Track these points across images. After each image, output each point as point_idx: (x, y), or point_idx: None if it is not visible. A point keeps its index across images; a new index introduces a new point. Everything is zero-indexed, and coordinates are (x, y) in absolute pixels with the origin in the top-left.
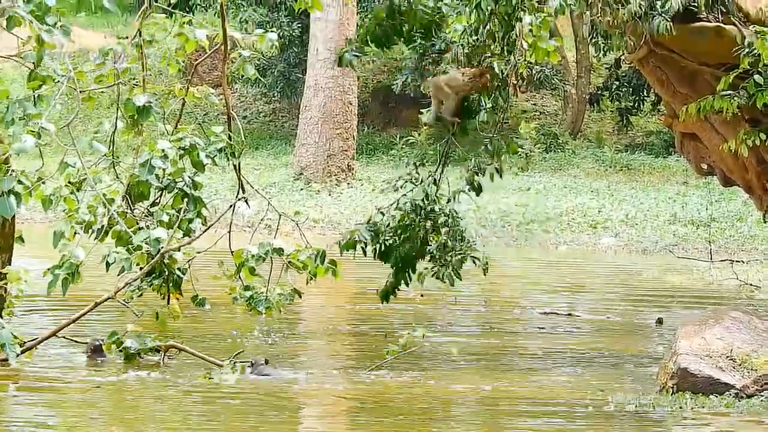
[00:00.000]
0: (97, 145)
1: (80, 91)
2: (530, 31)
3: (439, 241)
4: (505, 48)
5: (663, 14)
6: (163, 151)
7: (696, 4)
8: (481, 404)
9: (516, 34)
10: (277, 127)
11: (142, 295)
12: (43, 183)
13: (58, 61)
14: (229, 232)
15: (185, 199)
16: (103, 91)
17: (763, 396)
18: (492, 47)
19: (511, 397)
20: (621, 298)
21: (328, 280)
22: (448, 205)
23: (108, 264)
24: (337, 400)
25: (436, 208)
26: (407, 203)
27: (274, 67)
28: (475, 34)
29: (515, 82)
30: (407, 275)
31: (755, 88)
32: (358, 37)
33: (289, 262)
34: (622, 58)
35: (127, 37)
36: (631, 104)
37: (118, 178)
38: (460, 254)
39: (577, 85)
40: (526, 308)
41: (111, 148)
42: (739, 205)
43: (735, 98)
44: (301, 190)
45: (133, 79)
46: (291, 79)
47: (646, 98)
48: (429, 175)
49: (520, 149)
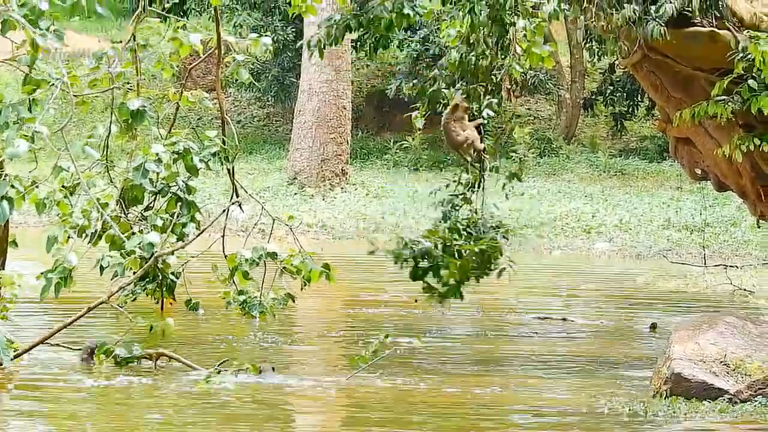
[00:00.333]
0: (90, 150)
1: (74, 96)
2: (524, 36)
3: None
4: (498, 53)
5: (657, 19)
6: (157, 155)
7: (690, 9)
8: (475, 409)
9: (510, 39)
10: (271, 132)
11: (135, 299)
12: (37, 187)
13: (53, 65)
14: (223, 237)
15: (179, 204)
16: (97, 96)
17: (756, 401)
18: (486, 52)
19: (504, 402)
20: (615, 303)
21: (323, 284)
22: (482, 213)
23: (102, 268)
24: (329, 404)
25: (478, 222)
26: (450, 225)
27: (269, 71)
28: (468, 39)
29: (509, 86)
30: (459, 291)
31: (749, 93)
32: (330, 23)
33: (283, 267)
34: (616, 63)
35: (121, 41)
36: (625, 109)
37: (112, 182)
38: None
39: (571, 90)
40: (520, 313)
41: (105, 152)
42: (733, 210)
43: (729, 103)
44: (295, 194)
45: (127, 83)
46: (285, 83)
47: (640, 103)
48: (463, 192)
49: (513, 154)
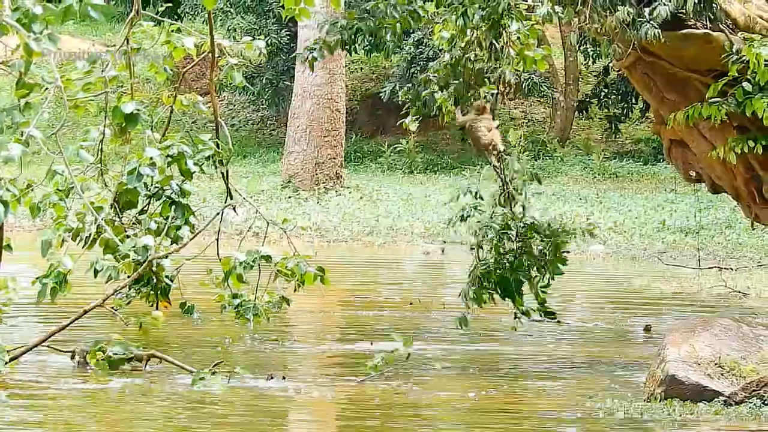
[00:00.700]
0: (84, 155)
1: (68, 99)
2: (518, 38)
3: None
4: (492, 55)
5: (651, 21)
6: (151, 158)
7: (684, 11)
8: (469, 411)
9: (503, 42)
10: (265, 135)
11: (130, 303)
12: (32, 191)
13: (47, 69)
14: (218, 240)
15: (173, 207)
16: (91, 99)
17: (751, 403)
18: (479, 55)
19: (499, 403)
20: (609, 306)
21: (317, 287)
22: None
23: (96, 271)
24: (324, 407)
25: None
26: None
27: (262, 74)
28: (461, 42)
29: (503, 89)
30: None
31: (744, 96)
32: (327, 36)
33: (278, 271)
34: (611, 65)
35: (115, 45)
36: (620, 112)
37: (106, 186)
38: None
39: (566, 93)
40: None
41: (99, 156)
42: (728, 213)
43: (723, 105)
44: (290, 197)
45: (121, 87)
46: (279, 86)
47: (634, 106)
48: (494, 198)
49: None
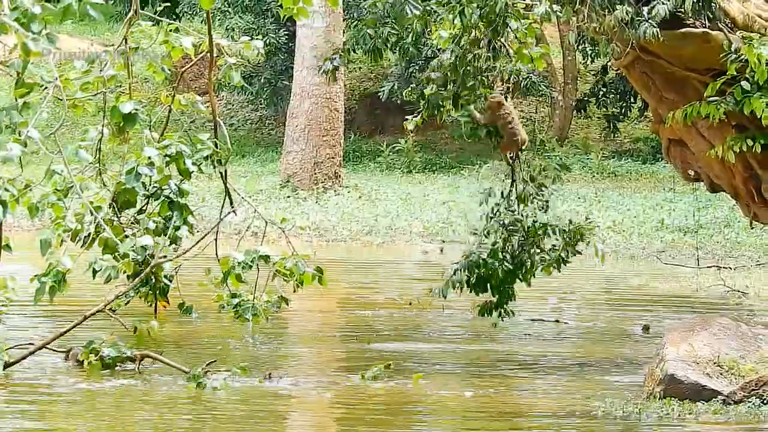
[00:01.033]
0: (83, 154)
1: (67, 99)
2: (516, 37)
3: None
4: (490, 54)
5: (650, 20)
6: (150, 158)
7: (683, 10)
8: (467, 411)
9: (502, 41)
10: (264, 135)
11: (128, 303)
12: (30, 190)
13: (45, 68)
14: (216, 240)
15: (171, 207)
16: (89, 99)
17: (750, 402)
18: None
19: (497, 403)
20: (608, 305)
21: (316, 287)
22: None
23: (95, 271)
24: (323, 406)
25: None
26: (498, 229)
27: (261, 74)
28: (459, 41)
29: (501, 88)
30: (510, 293)
31: (742, 95)
32: (345, 46)
33: (276, 270)
34: (609, 64)
35: (113, 45)
36: (618, 111)
37: (104, 185)
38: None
39: (564, 92)
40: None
41: (97, 155)
42: (726, 212)
43: (722, 104)
44: (288, 197)
45: (120, 87)
46: (277, 86)
47: (633, 105)
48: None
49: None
